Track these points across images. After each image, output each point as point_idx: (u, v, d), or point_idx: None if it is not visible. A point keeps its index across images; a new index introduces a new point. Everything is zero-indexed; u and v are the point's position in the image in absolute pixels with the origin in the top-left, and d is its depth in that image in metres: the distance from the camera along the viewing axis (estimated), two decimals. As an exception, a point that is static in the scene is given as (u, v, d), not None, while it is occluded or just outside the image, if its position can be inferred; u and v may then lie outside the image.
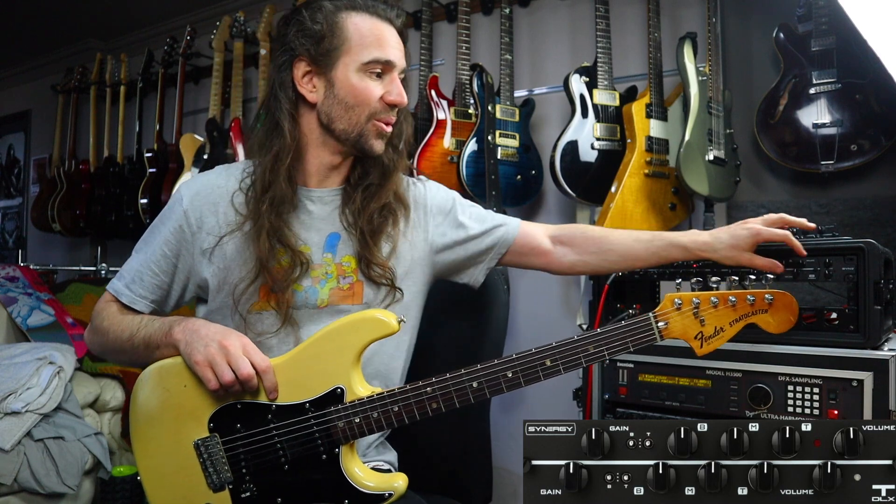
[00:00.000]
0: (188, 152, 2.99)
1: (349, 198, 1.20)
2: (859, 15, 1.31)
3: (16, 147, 4.37)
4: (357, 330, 1.05)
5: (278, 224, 1.13)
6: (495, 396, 1.05)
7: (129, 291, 1.18)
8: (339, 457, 1.04)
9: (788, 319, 0.97)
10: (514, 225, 1.29)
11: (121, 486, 2.25)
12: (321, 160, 1.19)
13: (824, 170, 1.81)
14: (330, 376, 1.05)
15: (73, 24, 3.62)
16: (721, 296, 0.98)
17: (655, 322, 0.99)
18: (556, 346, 1.00)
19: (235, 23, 2.94)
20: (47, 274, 3.44)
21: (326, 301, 1.17)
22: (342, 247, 1.19)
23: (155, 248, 1.18)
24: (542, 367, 1.00)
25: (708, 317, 0.98)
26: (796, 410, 1.18)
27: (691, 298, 0.98)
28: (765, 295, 0.97)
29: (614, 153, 2.04)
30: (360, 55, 1.12)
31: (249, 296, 1.14)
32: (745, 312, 0.98)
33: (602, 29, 2.08)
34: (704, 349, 0.99)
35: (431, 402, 1.02)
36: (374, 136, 1.16)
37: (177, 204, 1.19)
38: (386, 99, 1.14)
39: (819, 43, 1.81)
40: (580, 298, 2.22)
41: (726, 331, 0.98)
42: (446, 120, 2.24)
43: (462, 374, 1.02)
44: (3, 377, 2.11)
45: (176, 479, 1.08)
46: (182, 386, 1.08)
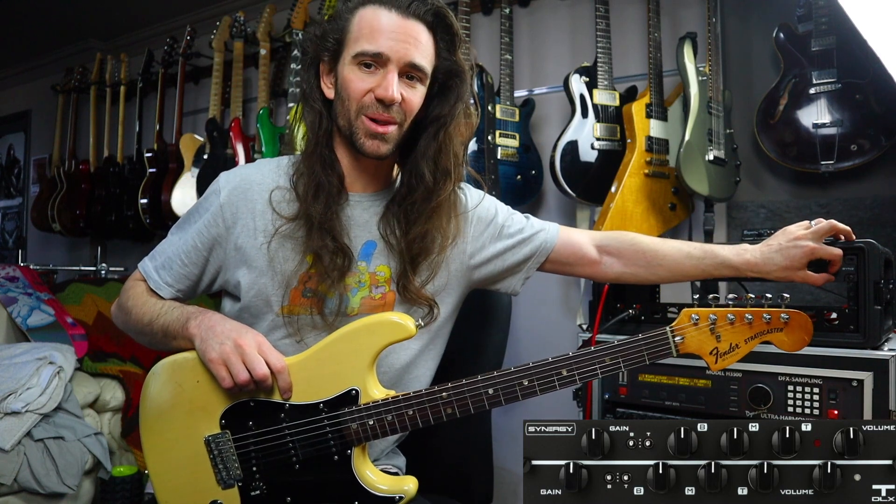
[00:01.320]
0: (188, 152, 2.99)
1: (391, 210, 1.16)
2: (859, 15, 1.31)
3: (16, 147, 4.37)
4: (373, 333, 1.05)
5: (328, 217, 1.11)
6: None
7: (157, 276, 1.18)
8: (351, 458, 1.04)
9: (803, 339, 0.97)
10: (553, 232, 1.26)
11: (121, 486, 2.25)
12: (345, 161, 1.17)
13: (824, 170, 1.81)
14: (345, 378, 1.05)
15: (73, 24, 3.62)
16: (738, 313, 0.98)
17: (672, 336, 0.99)
18: (573, 356, 0.99)
19: (235, 23, 2.94)
20: (47, 274, 3.43)
21: (357, 309, 1.15)
22: (377, 256, 1.17)
23: (188, 238, 1.17)
24: (559, 376, 0.99)
25: (724, 333, 0.98)
26: (796, 410, 1.18)
27: (708, 314, 0.98)
28: (781, 314, 0.97)
29: (614, 153, 2.04)
30: (352, 47, 1.09)
31: (282, 297, 1.13)
32: (760, 330, 0.97)
33: (602, 29, 2.08)
34: (719, 365, 0.99)
35: (446, 408, 1.01)
36: (363, 135, 1.09)
37: (214, 196, 1.17)
38: (374, 93, 1.07)
39: (819, 43, 1.81)
40: (580, 299, 2.22)
41: (741, 347, 0.98)
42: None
43: (478, 380, 1.01)
44: (3, 377, 2.11)
45: (185, 475, 1.08)
46: (195, 381, 1.08)
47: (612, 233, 1.30)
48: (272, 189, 1.15)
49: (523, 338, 2.40)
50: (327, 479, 1.04)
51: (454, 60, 1.14)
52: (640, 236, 1.26)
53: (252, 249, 1.14)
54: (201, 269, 1.18)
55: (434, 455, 1.36)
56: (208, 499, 1.07)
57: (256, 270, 1.13)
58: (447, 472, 1.39)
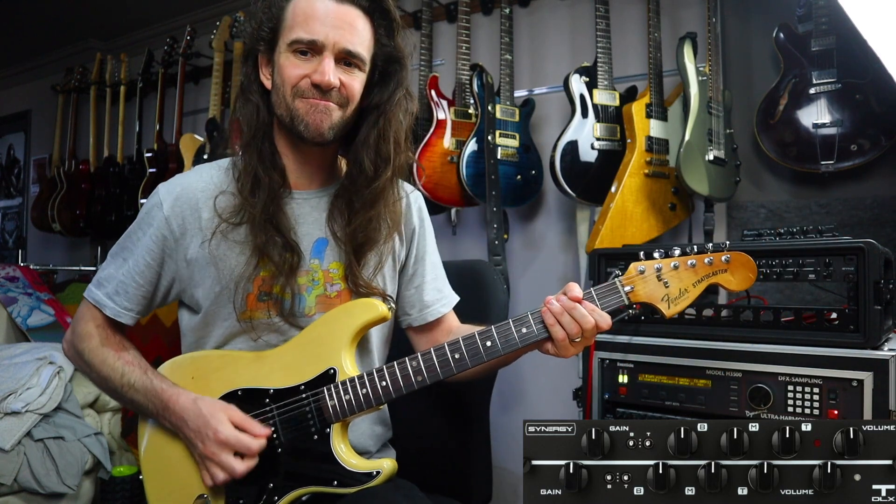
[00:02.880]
0: (188, 152, 2.99)
1: (336, 205, 1.16)
2: (859, 15, 1.31)
3: (16, 147, 4.37)
4: (351, 313, 1.10)
5: (273, 211, 1.09)
6: (490, 389, 1.06)
7: (114, 304, 1.14)
8: (330, 436, 1.06)
9: (748, 276, 1.02)
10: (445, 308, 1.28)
11: (121, 486, 2.25)
12: (287, 155, 1.15)
13: (824, 170, 1.81)
14: (323, 359, 1.09)
15: (73, 24, 3.62)
16: (681, 260, 1.03)
17: (622, 286, 1.04)
18: (532, 312, 1.04)
19: (235, 23, 2.94)
20: (47, 274, 3.44)
21: (314, 309, 1.15)
22: (329, 253, 1.17)
23: (138, 258, 1.14)
24: (520, 333, 1.03)
25: (671, 279, 1.03)
26: (796, 410, 1.18)
27: (653, 265, 1.03)
28: (721, 256, 1.02)
29: (614, 153, 2.04)
30: (287, 35, 1.07)
31: (239, 303, 1.11)
32: (706, 273, 1.03)
33: (602, 29, 2.08)
34: (672, 310, 1.04)
35: (416, 375, 1.05)
36: (304, 114, 1.07)
37: (156, 209, 1.14)
38: (311, 78, 1.06)
39: (819, 43, 1.81)
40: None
41: (690, 291, 1.03)
42: (446, 120, 2.24)
43: (443, 346, 1.05)
44: (3, 377, 2.11)
45: (173, 472, 1.11)
46: (189, 378, 1.13)
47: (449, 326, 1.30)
48: (216, 195, 1.13)
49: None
50: (308, 462, 1.07)
51: (393, 46, 1.13)
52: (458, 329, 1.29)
53: (203, 259, 1.12)
54: (155, 285, 1.16)
55: (434, 455, 1.37)
56: (194, 494, 1.09)
57: (210, 280, 1.12)
58: (447, 472, 1.39)
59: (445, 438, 1.39)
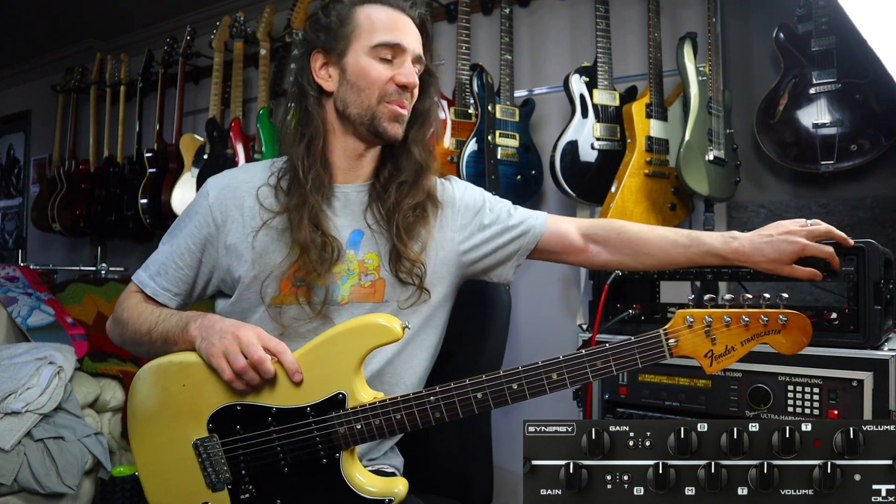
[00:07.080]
0: (188, 152, 2.99)
1: (378, 194, 1.21)
2: (859, 15, 1.31)
3: (16, 147, 4.37)
4: (358, 336, 1.04)
5: (314, 207, 1.14)
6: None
7: (154, 283, 1.19)
8: (340, 462, 1.03)
9: (801, 341, 0.94)
10: (541, 221, 1.27)
11: (121, 486, 2.25)
12: (345, 148, 1.20)
13: (824, 170, 1.81)
14: (331, 381, 1.04)
15: (73, 24, 3.62)
16: (734, 315, 0.95)
17: (666, 339, 0.96)
18: (563, 359, 0.98)
19: (235, 23, 2.94)
20: (47, 274, 3.43)
21: (347, 298, 1.17)
22: (365, 244, 1.20)
23: (180, 242, 1.19)
24: (549, 380, 0.98)
25: (719, 335, 0.95)
26: (796, 410, 1.18)
27: (703, 316, 0.95)
28: (779, 316, 0.94)
29: (614, 153, 2.04)
30: (370, 39, 1.15)
31: (273, 289, 1.15)
32: (757, 332, 0.94)
33: (602, 29, 2.08)
34: (714, 368, 0.96)
35: (434, 412, 1.01)
36: (387, 119, 1.16)
37: (202, 198, 1.21)
38: (396, 80, 1.15)
39: (819, 43, 1.81)
40: (580, 298, 2.22)
41: (737, 350, 0.95)
42: (446, 120, 2.24)
43: (467, 384, 1.00)
44: (3, 377, 2.11)
45: (174, 478, 1.08)
46: (181, 385, 1.07)
47: (601, 221, 1.31)
48: (259, 186, 1.19)
49: (523, 338, 2.40)
50: (316, 483, 1.04)
51: (429, 60, 1.24)
52: (628, 224, 1.27)
53: (242, 246, 1.16)
54: (195, 270, 1.20)
55: (434, 455, 1.37)
56: (198, 501, 1.07)
57: (246, 264, 1.16)
58: (447, 473, 1.39)
59: (446, 438, 1.39)
